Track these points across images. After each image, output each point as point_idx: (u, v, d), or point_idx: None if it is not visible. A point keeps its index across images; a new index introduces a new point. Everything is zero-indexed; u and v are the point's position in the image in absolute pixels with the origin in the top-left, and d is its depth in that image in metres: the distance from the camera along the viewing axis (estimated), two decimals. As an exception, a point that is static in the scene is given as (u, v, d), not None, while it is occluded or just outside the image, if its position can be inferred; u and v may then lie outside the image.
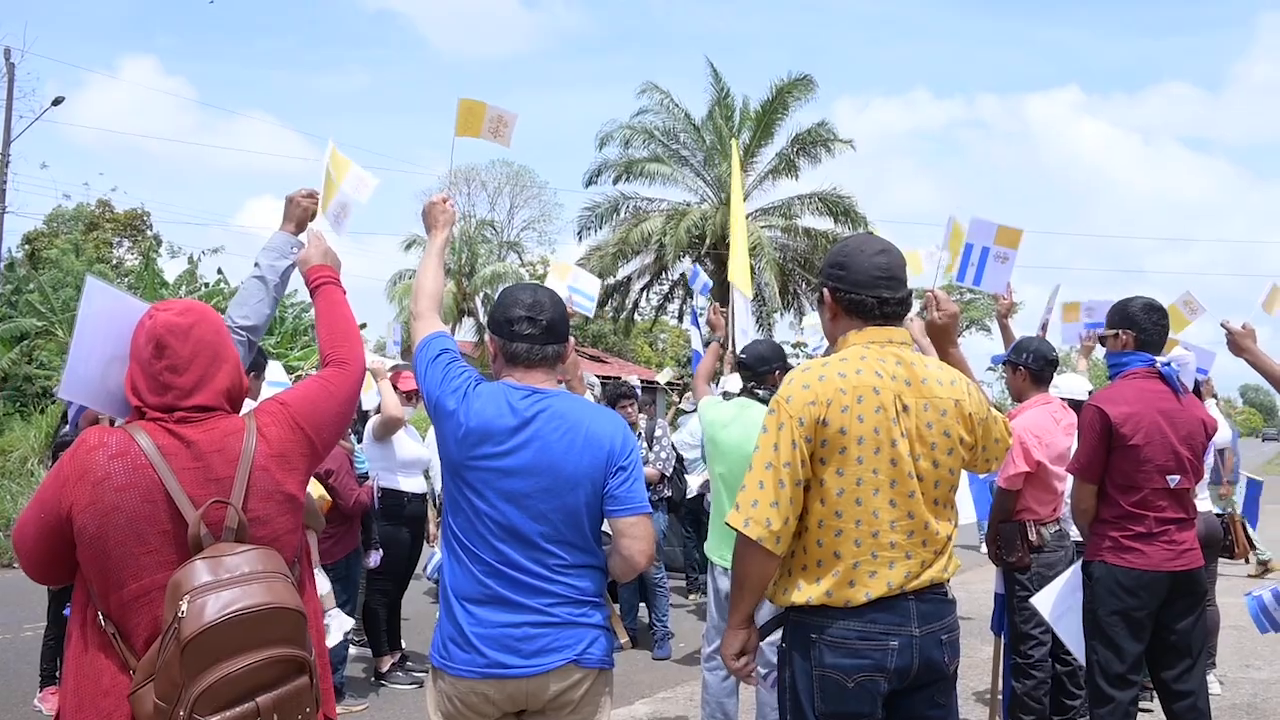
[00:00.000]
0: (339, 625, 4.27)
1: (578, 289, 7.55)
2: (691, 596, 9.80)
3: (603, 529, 2.65)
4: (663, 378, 16.77)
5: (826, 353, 2.73)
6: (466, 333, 36.80)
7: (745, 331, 7.47)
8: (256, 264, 2.89)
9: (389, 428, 6.10)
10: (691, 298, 30.80)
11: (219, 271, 26.15)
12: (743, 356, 4.67)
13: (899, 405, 2.43)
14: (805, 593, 2.43)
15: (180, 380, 2.16)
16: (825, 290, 2.62)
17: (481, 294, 35.95)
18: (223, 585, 1.95)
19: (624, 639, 2.71)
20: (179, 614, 1.89)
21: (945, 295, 2.91)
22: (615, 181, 29.59)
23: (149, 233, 36.15)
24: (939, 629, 2.46)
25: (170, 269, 27.98)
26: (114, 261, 31.89)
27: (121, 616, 2.03)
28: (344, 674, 5.90)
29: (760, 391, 4.50)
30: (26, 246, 30.88)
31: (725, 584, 4.28)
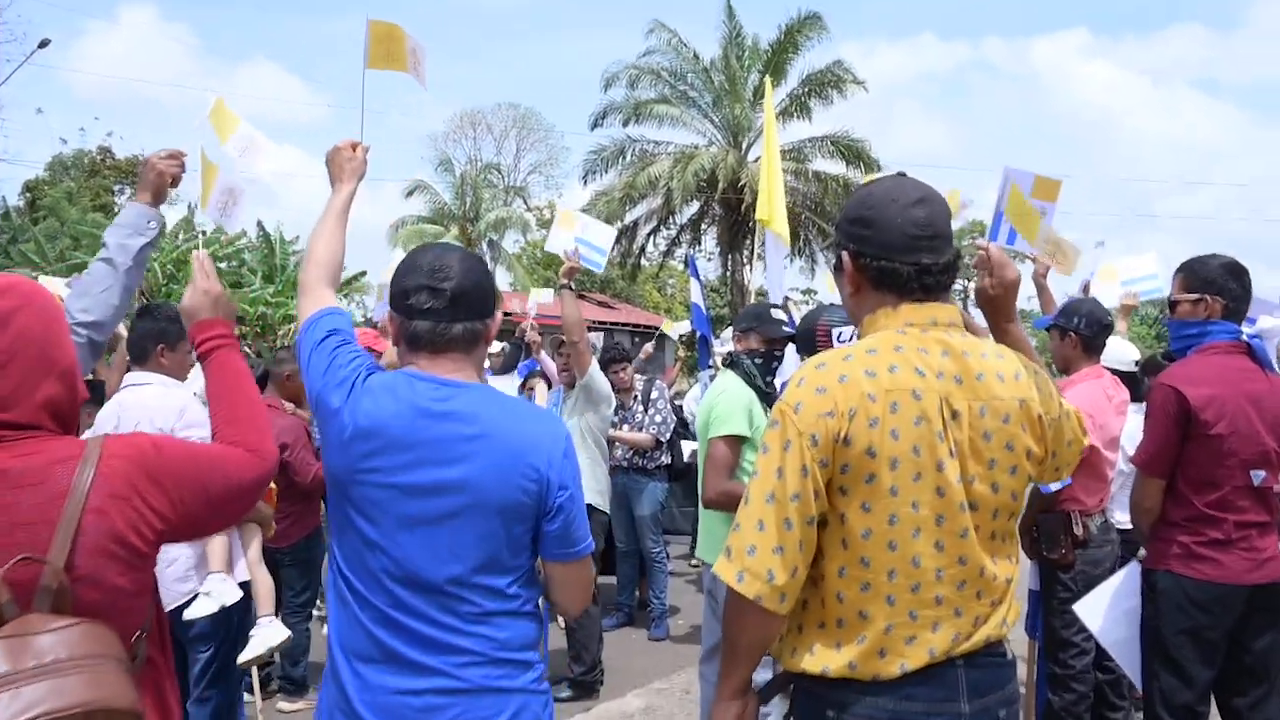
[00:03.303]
0: (264, 638, 3.72)
1: (586, 240, 6.91)
2: (694, 563, 9.29)
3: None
4: (675, 330, 15.97)
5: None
6: (473, 278, 36.14)
7: (780, 285, 6.88)
8: (104, 243, 2.34)
9: None
10: (698, 244, 30.20)
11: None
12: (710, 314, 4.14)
13: (947, 412, 1.82)
14: (821, 659, 1.85)
15: None
16: (845, 255, 1.98)
17: (486, 239, 35.37)
18: (25, 678, 1.44)
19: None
20: None
21: (1002, 253, 2.27)
22: (624, 124, 28.99)
23: (147, 178, 35.52)
24: (996, 702, 1.87)
25: (170, 217, 27.41)
26: (115, 209, 31.34)
27: None
28: (308, 664, 5.41)
29: (731, 352, 3.97)
30: (27, 195, 30.38)
31: (722, 590, 3.75)
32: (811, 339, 3.73)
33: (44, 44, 24.57)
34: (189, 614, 3.46)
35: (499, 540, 1.97)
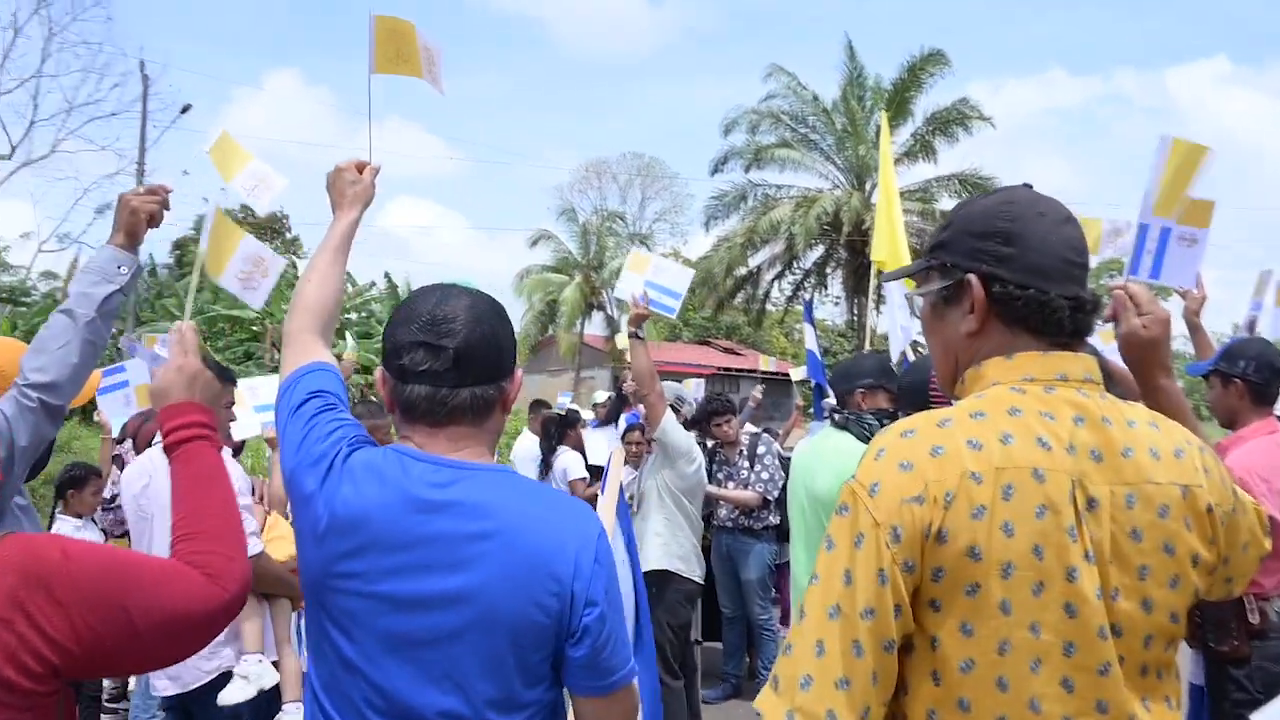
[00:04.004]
0: None
1: (657, 284, 6.46)
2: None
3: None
4: (797, 374, 15.44)
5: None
6: (597, 326, 36.45)
7: (906, 330, 6.37)
8: (67, 292, 2.08)
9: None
10: (823, 288, 29.58)
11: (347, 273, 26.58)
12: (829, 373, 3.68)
13: (1081, 500, 1.34)
14: (908, 831, 1.37)
15: None
16: (974, 278, 1.48)
17: (611, 286, 35.57)
18: None
19: None
20: None
21: (1147, 292, 1.77)
22: (746, 169, 29.03)
23: (288, 235, 37.53)
24: None
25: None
26: (254, 262, 32.86)
27: None
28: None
29: (839, 415, 3.49)
30: (176, 252, 32.28)
31: None
32: (923, 392, 3.14)
33: (185, 109, 26.60)
34: (223, 699, 3.15)
35: (509, 669, 1.56)
